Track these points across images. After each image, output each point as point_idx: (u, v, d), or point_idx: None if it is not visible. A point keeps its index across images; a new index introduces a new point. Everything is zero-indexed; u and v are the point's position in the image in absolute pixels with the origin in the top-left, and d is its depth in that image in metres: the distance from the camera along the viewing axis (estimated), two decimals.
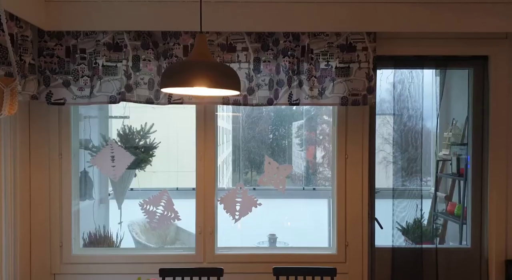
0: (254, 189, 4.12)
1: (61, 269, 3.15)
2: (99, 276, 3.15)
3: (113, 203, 4.18)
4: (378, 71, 3.14)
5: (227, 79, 1.98)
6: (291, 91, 2.94)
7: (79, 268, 3.16)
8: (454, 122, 3.88)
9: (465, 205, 3.44)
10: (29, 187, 3.13)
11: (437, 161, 3.88)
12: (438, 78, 3.49)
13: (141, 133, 3.70)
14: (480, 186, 3.28)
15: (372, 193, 3.23)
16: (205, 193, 3.19)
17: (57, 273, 3.15)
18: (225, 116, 4.96)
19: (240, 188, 3.22)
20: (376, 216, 3.24)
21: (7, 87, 2.27)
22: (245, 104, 2.98)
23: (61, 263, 3.15)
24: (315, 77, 2.93)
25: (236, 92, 2.09)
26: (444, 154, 3.91)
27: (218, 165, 3.27)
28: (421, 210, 3.39)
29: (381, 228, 3.23)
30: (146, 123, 3.72)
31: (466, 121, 3.43)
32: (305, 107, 4.78)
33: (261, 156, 3.24)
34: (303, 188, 5.00)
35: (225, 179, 5.37)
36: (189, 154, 3.32)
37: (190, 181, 3.38)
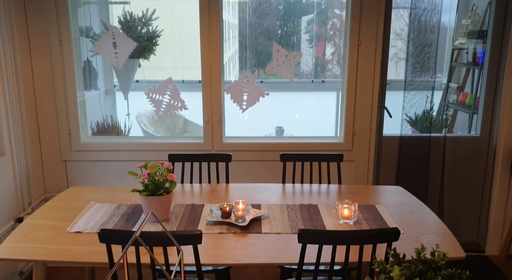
0: (261, 82, 4.04)
1: (71, 156, 3.20)
2: (109, 163, 3.21)
3: (119, 95, 4.14)
4: None
5: None
6: None
7: (89, 155, 3.21)
8: (474, 8, 3.65)
9: (478, 95, 3.37)
10: (31, 75, 3.07)
11: (452, 50, 3.72)
12: None
13: (143, 20, 3.53)
14: (496, 75, 3.18)
15: (383, 83, 3.15)
16: (212, 82, 3.12)
17: (68, 160, 3.21)
18: (230, 9, 4.71)
19: (247, 77, 3.13)
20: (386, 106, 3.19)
21: None
22: None
23: (71, 151, 3.20)
24: None
25: None
26: (460, 43, 3.74)
27: (224, 61, 3.16)
28: (431, 101, 3.32)
29: (390, 116, 3.19)
30: (147, 9, 3.53)
31: (488, 6, 3.22)
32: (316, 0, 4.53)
33: (268, 53, 3.10)
34: (312, 80, 4.90)
35: (231, 76, 5.26)
36: (193, 48, 3.19)
37: (196, 74, 3.29)
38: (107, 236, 1.69)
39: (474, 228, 3.41)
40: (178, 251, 1.14)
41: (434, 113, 3.51)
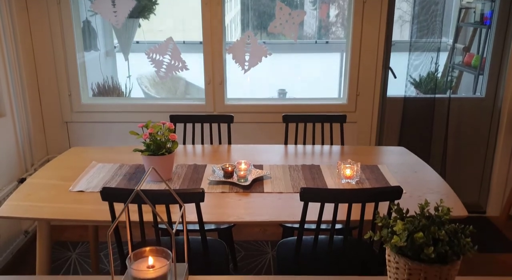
0: (264, 42, 3.96)
1: (73, 118, 3.19)
2: (110, 124, 3.20)
3: (120, 56, 4.08)
4: None
5: None
6: None
7: (90, 116, 3.19)
8: None
9: (484, 56, 3.30)
10: (30, 36, 3.01)
11: (460, 9, 3.63)
12: None
13: None
14: (504, 35, 3.10)
15: (388, 43, 3.08)
16: (213, 41, 3.06)
17: (69, 121, 3.20)
18: None
19: (249, 36, 3.06)
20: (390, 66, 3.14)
21: None
22: None
23: (72, 112, 3.18)
24: None
25: None
26: (467, 2, 3.64)
27: (226, 23, 3.08)
28: (436, 63, 3.26)
29: (395, 77, 3.14)
30: None
31: None
32: None
33: (271, 14, 3.02)
34: (316, 41, 4.81)
35: (233, 38, 5.17)
36: (194, 7, 3.10)
37: (197, 36, 3.22)
38: (109, 194, 1.69)
39: (476, 189, 3.42)
40: (181, 209, 1.13)
41: (439, 75, 3.46)
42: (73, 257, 2.89)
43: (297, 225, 1.82)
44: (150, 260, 1.10)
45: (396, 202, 1.18)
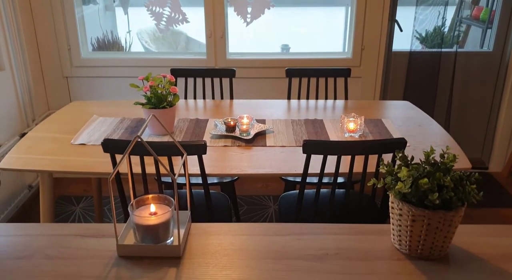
0: None
1: (73, 72, 3.14)
2: (111, 79, 3.16)
3: (119, 11, 3.98)
4: None
5: None
6: None
7: (90, 71, 3.14)
8: None
9: (493, 8, 3.20)
10: None
11: None
12: None
13: None
14: None
15: None
16: None
17: (69, 76, 3.15)
18: None
19: None
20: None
21: None
22: None
23: (72, 67, 3.13)
24: None
25: None
26: None
27: None
28: (443, 18, 3.16)
29: (401, 30, 3.06)
30: None
31: None
32: None
33: None
34: None
35: None
36: None
37: None
38: (110, 146, 1.68)
39: (479, 145, 3.41)
40: (183, 157, 1.12)
41: (446, 30, 3.37)
42: (77, 211, 2.92)
43: (299, 179, 1.82)
44: (152, 207, 1.10)
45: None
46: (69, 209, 2.94)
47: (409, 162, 1.05)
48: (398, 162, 1.07)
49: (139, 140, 1.82)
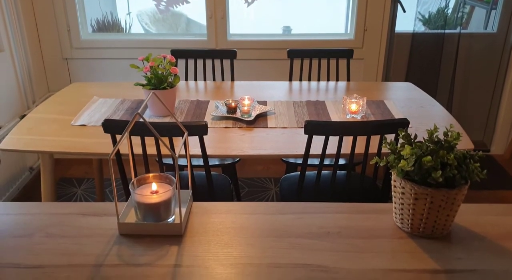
0: None
1: (72, 54, 3.11)
2: (111, 61, 3.13)
3: None
4: None
5: None
6: None
7: (90, 53, 3.12)
8: None
9: None
10: None
11: None
12: None
13: None
14: None
15: None
16: None
17: (69, 58, 3.13)
18: None
19: None
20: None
21: None
22: None
23: (72, 48, 3.10)
24: None
25: None
26: None
27: None
28: None
29: (404, 11, 3.02)
30: None
31: None
32: None
33: None
34: None
35: None
36: None
37: None
38: (111, 126, 1.67)
39: (481, 127, 3.39)
40: (185, 143, 1.11)
41: (449, 11, 3.33)
42: (79, 193, 2.92)
43: (300, 161, 1.81)
44: (154, 186, 1.09)
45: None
46: (71, 191, 2.95)
47: (412, 140, 1.04)
48: (401, 140, 1.06)
49: (141, 120, 1.82)
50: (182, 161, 2.29)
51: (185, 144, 1.16)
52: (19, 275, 0.93)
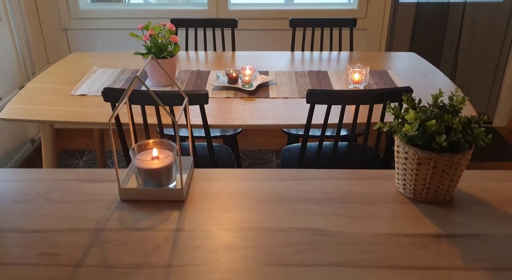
0: None
1: (71, 25, 3.07)
2: (110, 31, 3.09)
3: None
4: None
5: None
6: None
7: (89, 23, 3.07)
8: None
9: None
10: None
11: None
12: None
13: None
14: None
15: None
16: None
17: (68, 29, 3.08)
18: None
19: None
20: None
21: None
22: None
23: (70, 18, 3.05)
24: None
25: None
26: None
27: None
28: None
29: None
30: None
31: None
32: None
33: None
34: None
35: None
36: None
37: None
38: (111, 95, 1.65)
39: (484, 99, 3.36)
40: (185, 109, 1.09)
41: None
42: (80, 165, 2.93)
43: (301, 132, 1.80)
44: (155, 152, 1.08)
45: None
46: (72, 162, 2.95)
47: (416, 105, 1.02)
48: (405, 105, 1.04)
49: (142, 89, 1.79)
50: (183, 132, 2.28)
51: (185, 109, 1.15)
52: (20, 239, 0.93)
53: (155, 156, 1.08)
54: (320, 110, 1.73)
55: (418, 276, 0.83)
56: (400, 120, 1.02)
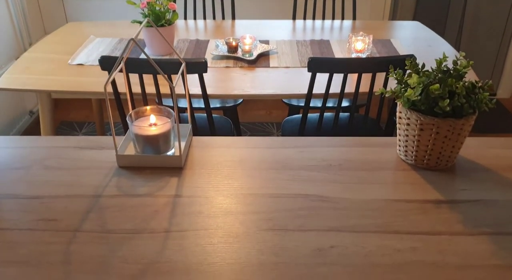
0: None
1: None
2: (107, 1, 3.02)
3: None
4: None
5: None
6: None
7: None
8: None
9: None
10: None
11: None
12: None
13: None
14: None
15: None
16: None
17: None
18: None
19: None
20: None
21: None
22: None
23: None
24: None
25: None
26: None
27: None
28: None
29: None
30: None
31: None
32: None
33: None
34: None
35: None
36: None
37: None
38: (108, 63, 1.62)
39: (488, 70, 3.32)
40: (182, 74, 1.06)
41: None
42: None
43: (302, 104, 1.77)
44: (152, 118, 1.07)
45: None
46: (71, 134, 2.94)
47: (419, 69, 1.00)
48: (408, 71, 1.02)
49: (142, 58, 1.74)
50: (182, 104, 2.24)
51: (182, 75, 1.13)
52: (17, 205, 0.92)
53: (152, 123, 1.06)
54: (321, 81, 1.70)
55: (418, 241, 0.82)
56: (403, 85, 1.00)
